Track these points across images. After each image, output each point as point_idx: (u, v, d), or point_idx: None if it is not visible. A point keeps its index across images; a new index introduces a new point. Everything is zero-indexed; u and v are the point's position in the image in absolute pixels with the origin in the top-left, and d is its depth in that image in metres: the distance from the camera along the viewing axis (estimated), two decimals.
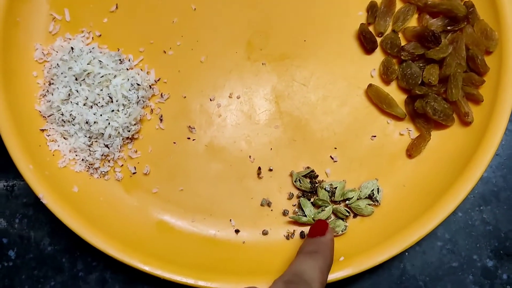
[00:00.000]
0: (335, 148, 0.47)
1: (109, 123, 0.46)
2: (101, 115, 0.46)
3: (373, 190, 0.46)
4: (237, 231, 0.46)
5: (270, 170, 0.47)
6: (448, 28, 0.49)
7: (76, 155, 0.47)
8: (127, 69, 0.48)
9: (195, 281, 0.43)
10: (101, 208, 0.46)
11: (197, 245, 0.46)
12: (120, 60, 0.48)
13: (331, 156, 0.47)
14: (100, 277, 0.49)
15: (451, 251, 0.49)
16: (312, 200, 0.46)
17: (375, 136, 0.48)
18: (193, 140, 0.48)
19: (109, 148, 0.46)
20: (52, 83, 0.48)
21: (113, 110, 0.46)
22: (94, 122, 0.45)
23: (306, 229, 0.46)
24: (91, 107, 0.46)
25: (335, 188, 0.45)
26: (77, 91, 0.46)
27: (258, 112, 0.48)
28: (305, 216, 0.45)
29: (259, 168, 0.47)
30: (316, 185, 0.46)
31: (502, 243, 0.50)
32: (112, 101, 0.46)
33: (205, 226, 0.46)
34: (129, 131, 0.47)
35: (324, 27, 0.50)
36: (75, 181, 0.46)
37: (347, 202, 0.45)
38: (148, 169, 0.47)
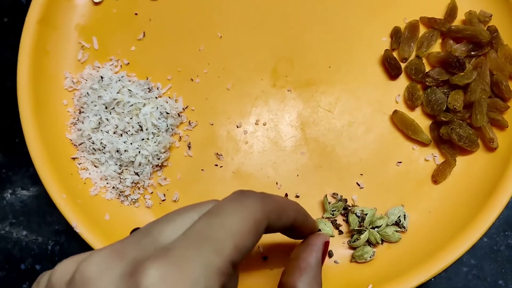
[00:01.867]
0: (361, 174, 0.48)
1: (139, 152, 0.47)
2: (131, 143, 0.47)
3: (399, 216, 0.46)
4: (265, 258, 0.46)
5: (297, 196, 0.48)
6: (472, 53, 0.50)
7: (107, 183, 0.48)
8: (156, 97, 0.49)
9: None
10: None
11: None
12: (149, 88, 0.49)
13: (357, 183, 0.48)
14: None
15: (476, 276, 0.49)
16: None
17: (400, 162, 0.48)
18: (221, 167, 0.48)
19: (139, 176, 0.47)
20: (82, 112, 0.49)
21: (143, 139, 0.47)
22: (125, 151, 0.46)
23: (334, 250, 0.46)
24: (121, 135, 0.47)
25: (366, 214, 0.46)
26: (107, 120, 0.47)
27: (284, 138, 0.49)
28: None
29: (286, 195, 0.48)
30: (349, 208, 0.47)
31: None
32: (142, 130, 0.47)
33: None
34: (158, 159, 0.47)
35: (348, 53, 0.51)
36: (106, 209, 0.47)
37: (376, 229, 0.46)
38: (177, 196, 0.48)
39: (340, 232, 0.47)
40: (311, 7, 0.51)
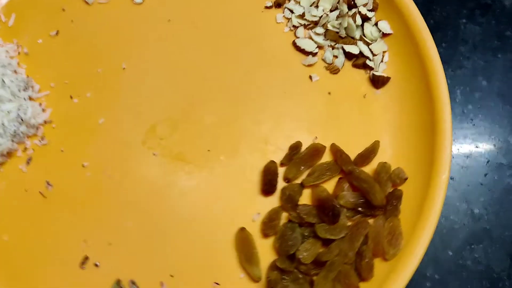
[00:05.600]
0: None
1: None
2: None
3: None
4: None
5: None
6: (360, 209, 0.43)
7: None
8: (24, 98, 0.46)
9: None
10: None
11: None
12: (25, 87, 0.46)
13: None
14: None
15: None
16: None
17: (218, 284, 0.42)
18: (45, 197, 0.44)
19: None
20: None
21: None
22: None
23: None
24: None
25: None
26: None
27: None
28: None
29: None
30: None
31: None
32: None
33: None
34: None
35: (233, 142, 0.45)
36: None
37: None
38: None
39: None
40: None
